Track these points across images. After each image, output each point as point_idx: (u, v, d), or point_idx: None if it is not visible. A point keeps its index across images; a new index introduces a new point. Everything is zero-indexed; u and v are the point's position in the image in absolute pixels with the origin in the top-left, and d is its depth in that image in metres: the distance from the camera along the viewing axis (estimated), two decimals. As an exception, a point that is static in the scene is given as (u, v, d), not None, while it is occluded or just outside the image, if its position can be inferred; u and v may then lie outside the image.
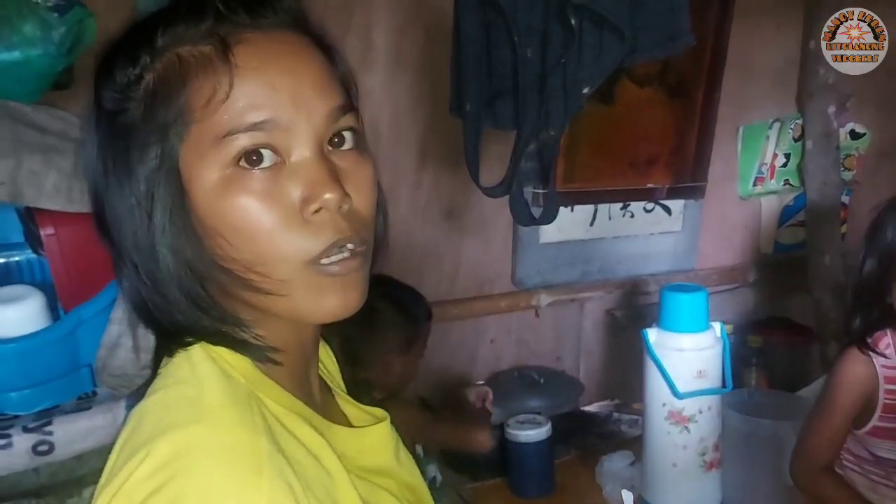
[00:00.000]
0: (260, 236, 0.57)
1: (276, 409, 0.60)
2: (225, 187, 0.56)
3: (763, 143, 2.43)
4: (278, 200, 0.57)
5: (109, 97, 0.59)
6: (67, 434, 1.23)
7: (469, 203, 2.02)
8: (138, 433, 0.55)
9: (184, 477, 0.51)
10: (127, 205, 0.58)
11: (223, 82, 0.56)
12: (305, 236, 0.57)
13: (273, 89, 0.57)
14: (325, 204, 0.57)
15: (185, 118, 0.56)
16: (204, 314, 0.60)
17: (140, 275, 0.60)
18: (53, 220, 1.28)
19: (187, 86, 0.56)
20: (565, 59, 1.25)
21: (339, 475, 0.61)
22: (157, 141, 0.57)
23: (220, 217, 0.57)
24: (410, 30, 1.85)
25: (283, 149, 0.57)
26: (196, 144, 0.57)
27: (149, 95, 0.57)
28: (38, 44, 1.32)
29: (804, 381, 2.05)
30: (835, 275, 2.41)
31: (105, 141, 0.59)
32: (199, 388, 0.57)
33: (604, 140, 2.12)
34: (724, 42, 2.18)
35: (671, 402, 1.45)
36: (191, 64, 0.57)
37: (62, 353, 1.29)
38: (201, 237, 0.58)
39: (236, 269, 0.58)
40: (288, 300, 0.59)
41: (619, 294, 2.30)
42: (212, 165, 0.56)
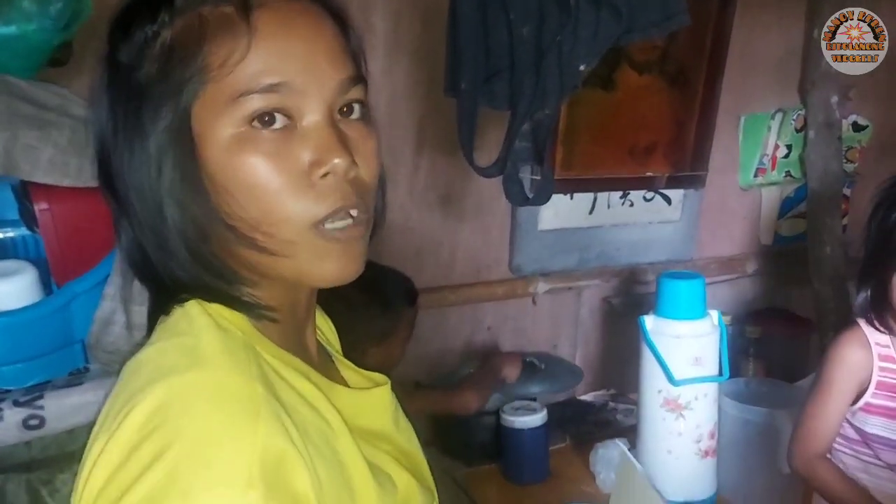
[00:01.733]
0: (268, 195, 0.58)
1: (273, 361, 0.61)
2: (236, 146, 0.58)
3: (765, 133, 2.42)
4: (287, 162, 0.58)
5: (125, 53, 0.59)
6: (59, 409, 1.22)
7: (467, 189, 2.01)
8: (134, 381, 0.56)
9: (179, 419, 0.52)
10: (137, 159, 0.59)
11: (241, 43, 0.57)
12: (312, 199, 0.59)
13: (289, 54, 0.58)
14: (334, 168, 0.59)
15: (201, 76, 0.57)
16: (204, 270, 0.61)
17: (144, 229, 0.61)
18: (48, 196, 1.28)
19: (205, 45, 0.57)
20: (561, 37, 1.25)
21: (339, 426, 0.62)
22: (172, 97, 0.58)
23: (230, 175, 0.58)
24: (408, 14, 1.84)
25: (295, 112, 0.59)
26: (210, 103, 0.58)
27: (165, 53, 0.58)
28: (34, 18, 1.31)
29: (802, 373, 2.05)
30: (835, 266, 2.40)
31: (117, 96, 0.60)
32: (197, 339, 0.58)
33: (603, 127, 2.11)
34: (725, 31, 2.17)
35: (667, 389, 1.45)
36: (210, 23, 0.58)
37: (54, 328, 1.28)
38: (209, 194, 0.59)
39: (241, 228, 0.59)
40: (289, 261, 0.60)
41: (617, 282, 2.30)
42: (225, 124, 0.57)
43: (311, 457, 0.55)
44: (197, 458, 0.50)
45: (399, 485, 0.67)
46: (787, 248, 2.57)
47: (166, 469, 0.49)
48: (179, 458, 0.50)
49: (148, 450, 0.50)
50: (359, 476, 0.61)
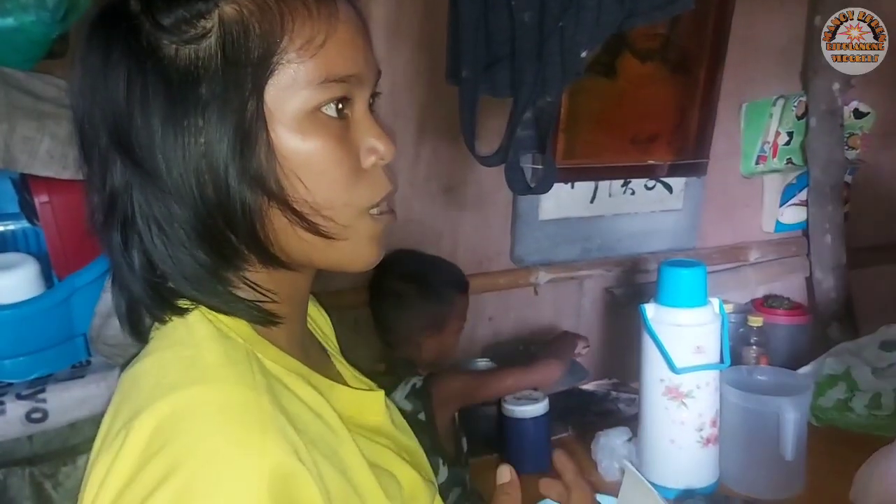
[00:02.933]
0: (334, 181, 0.59)
1: (275, 368, 0.60)
2: (308, 130, 0.58)
3: (766, 120, 2.41)
4: (350, 149, 0.61)
5: (170, 24, 0.56)
6: (61, 402, 1.22)
7: (468, 179, 2.01)
8: (134, 396, 0.55)
9: (184, 437, 0.51)
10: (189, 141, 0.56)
11: (322, 30, 0.58)
12: (368, 185, 0.62)
13: (356, 46, 0.60)
14: (384, 156, 0.62)
15: (278, 58, 0.57)
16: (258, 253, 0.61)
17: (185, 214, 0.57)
18: (48, 188, 1.27)
19: (286, 26, 0.57)
20: (563, 23, 1.24)
21: (341, 431, 0.62)
22: (246, 79, 0.56)
23: (300, 158, 0.58)
24: (409, 2, 1.83)
25: (353, 102, 0.61)
26: (284, 85, 0.57)
27: (233, 29, 0.56)
28: (32, 10, 1.31)
29: (804, 362, 2.05)
30: (836, 255, 2.40)
31: (152, 73, 0.56)
32: (197, 349, 0.57)
33: (605, 116, 2.10)
34: (727, 18, 2.16)
35: (669, 378, 1.45)
36: (287, 4, 0.57)
37: (56, 321, 1.28)
38: (280, 176, 0.58)
39: (306, 212, 0.59)
40: (345, 244, 0.61)
41: (619, 272, 2.30)
42: (296, 107, 0.57)
43: (318, 468, 0.54)
44: (205, 478, 0.49)
45: (403, 482, 0.67)
46: (789, 236, 2.56)
47: (175, 489, 0.49)
48: (188, 478, 0.49)
49: (154, 470, 0.49)
50: (364, 480, 0.61)
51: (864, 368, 1.80)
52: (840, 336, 2.31)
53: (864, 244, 2.59)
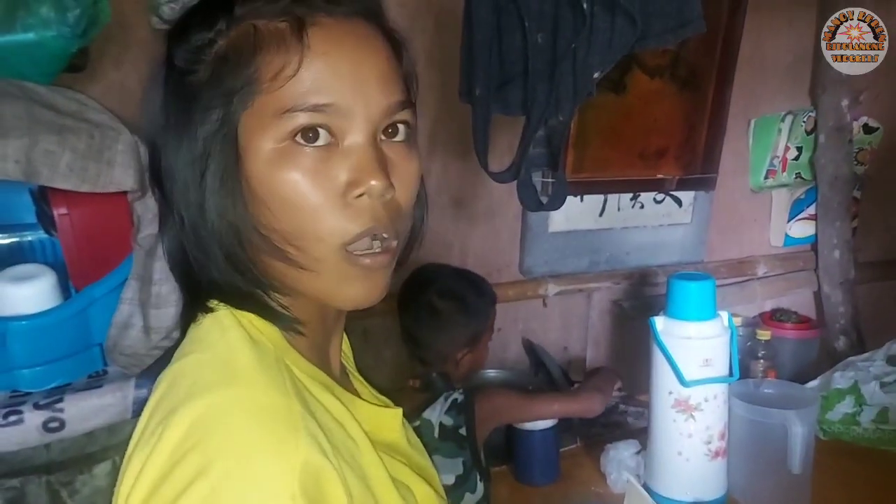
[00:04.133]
0: (303, 211, 0.58)
1: (302, 376, 0.61)
2: (278, 159, 0.58)
3: (775, 135, 2.42)
4: (326, 179, 0.59)
5: (181, 56, 0.61)
6: (78, 411, 1.24)
7: (477, 191, 2.03)
8: (171, 395, 0.57)
9: (220, 435, 0.52)
10: (183, 160, 0.61)
11: (293, 60, 0.58)
12: (345, 218, 0.59)
13: (338, 75, 0.58)
14: (369, 190, 0.59)
15: (252, 87, 0.58)
16: (239, 275, 0.62)
17: (185, 228, 0.62)
18: (67, 200, 1.30)
19: (258, 57, 0.58)
20: (576, 44, 1.25)
21: (363, 443, 0.63)
22: (221, 105, 0.59)
23: (269, 186, 0.59)
24: (421, 17, 1.86)
25: (339, 131, 0.59)
26: (257, 114, 0.59)
27: (219, 60, 0.60)
28: (52, 25, 1.33)
29: (811, 376, 2.05)
30: (844, 270, 2.40)
31: (170, 97, 0.62)
32: (231, 353, 0.59)
33: (614, 130, 2.11)
34: (736, 35, 2.17)
35: (677, 391, 1.45)
36: (265, 37, 0.59)
37: (74, 332, 1.30)
38: (248, 202, 0.60)
39: (274, 239, 0.60)
40: (317, 278, 0.61)
41: (627, 285, 2.30)
42: (269, 136, 0.58)
43: (343, 472, 0.56)
44: (240, 474, 0.51)
45: (418, 496, 0.68)
46: (797, 251, 2.57)
47: (210, 485, 0.50)
48: (222, 474, 0.50)
49: (190, 465, 0.51)
50: (383, 491, 0.62)
51: (872, 383, 1.81)
52: (848, 350, 2.31)
53: (872, 259, 2.60)
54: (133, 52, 1.57)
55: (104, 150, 1.27)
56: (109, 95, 1.53)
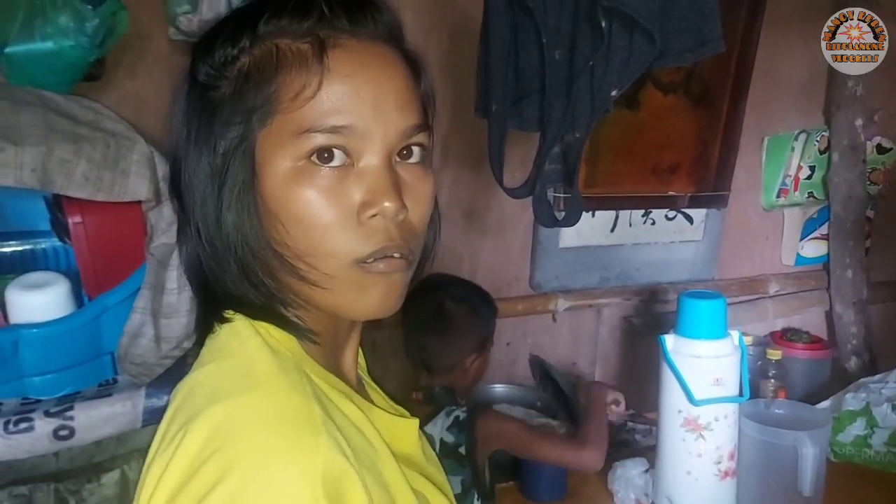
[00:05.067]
0: (316, 229, 0.59)
1: (321, 383, 0.62)
2: (294, 178, 0.59)
3: (788, 154, 2.42)
4: (340, 199, 0.59)
5: (205, 72, 0.62)
6: (88, 420, 1.24)
7: (489, 205, 2.03)
8: (191, 402, 0.57)
9: (240, 440, 0.52)
10: (202, 173, 0.62)
11: (313, 81, 0.58)
12: (358, 237, 0.60)
13: (357, 97, 0.59)
14: (383, 211, 0.59)
15: (271, 106, 0.59)
16: (252, 288, 0.63)
17: (202, 241, 0.63)
18: (81, 209, 1.30)
19: (279, 77, 0.59)
20: (593, 61, 1.25)
21: (382, 450, 0.63)
22: (241, 121, 0.60)
23: (284, 204, 0.59)
24: (436, 32, 1.87)
25: (355, 152, 0.60)
26: (275, 133, 0.59)
27: (241, 77, 0.61)
28: (71, 35, 1.35)
29: (822, 396, 2.04)
30: (857, 290, 2.39)
31: (192, 111, 0.63)
32: (250, 360, 0.59)
33: (626, 146, 2.12)
34: (750, 53, 2.17)
35: (687, 409, 1.44)
36: (287, 57, 0.59)
37: (85, 340, 1.31)
38: (262, 219, 0.61)
39: (287, 255, 0.60)
40: (329, 293, 0.61)
41: (637, 301, 2.30)
42: (286, 155, 0.59)
43: (363, 476, 0.55)
44: (261, 478, 0.51)
45: None
46: (809, 270, 2.56)
47: (231, 490, 0.50)
48: (244, 479, 0.50)
49: (211, 471, 0.51)
50: (402, 499, 0.62)
51: (884, 405, 1.79)
52: (859, 371, 2.29)
53: (885, 279, 2.58)
54: (149, 62, 1.58)
55: (119, 159, 1.28)
56: (124, 104, 1.54)
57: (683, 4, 1.21)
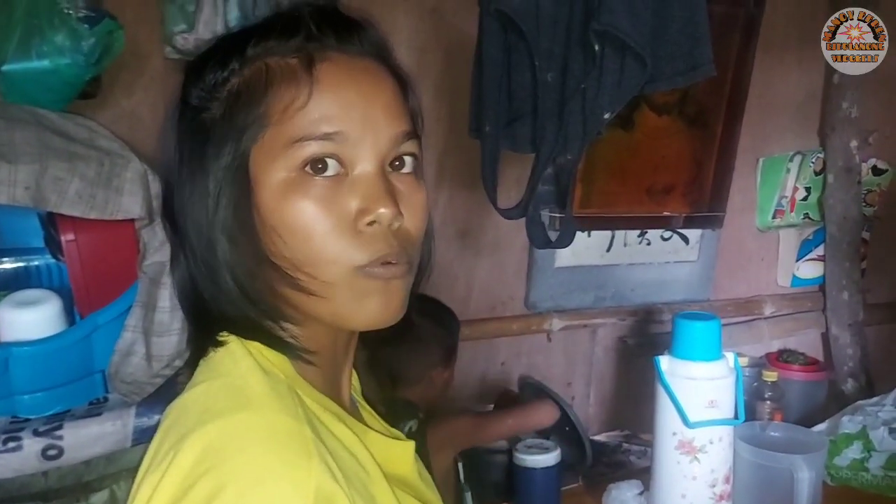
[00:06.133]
0: (313, 238, 0.60)
1: (313, 405, 0.62)
2: (288, 189, 0.60)
3: (783, 175, 2.42)
4: (335, 208, 0.60)
5: (196, 95, 0.64)
6: (77, 439, 1.23)
7: (484, 224, 2.03)
8: (182, 421, 0.57)
9: (232, 459, 0.52)
10: (196, 194, 0.63)
11: (303, 92, 0.60)
12: (356, 245, 0.60)
13: (347, 106, 0.61)
14: (379, 218, 0.60)
15: (263, 121, 0.60)
16: (251, 305, 0.63)
17: (197, 262, 0.64)
18: (74, 226, 1.30)
19: (269, 92, 0.60)
20: (585, 84, 1.26)
21: (374, 472, 0.63)
22: (233, 140, 0.61)
23: (280, 216, 0.60)
24: (431, 50, 1.87)
25: (348, 161, 0.61)
26: (268, 147, 0.60)
27: (232, 97, 0.62)
28: (67, 53, 1.35)
29: (819, 419, 2.03)
30: (853, 311, 2.39)
31: (185, 134, 0.64)
32: (243, 380, 0.60)
33: (621, 166, 2.12)
34: (745, 74, 2.18)
35: (681, 432, 1.43)
36: (276, 73, 0.61)
37: (76, 358, 1.30)
38: (259, 233, 0.62)
39: (286, 267, 0.61)
40: (329, 303, 0.62)
41: (633, 321, 2.29)
42: (280, 167, 0.60)
43: (354, 500, 0.55)
44: (256, 495, 0.51)
45: None
46: (805, 291, 2.56)
47: None
48: (235, 498, 0.50)
49: (202, 489, 0.51)
50: None
51: (881, 428, 1.78)
52: (856, 393, 2.29)
53: (881, 300, 2.58)
54: (145, 80, 1.59)
55: (113, 177, 1.28)
56: (120, 122, 1.54)
57: (674, 29, 1.22)
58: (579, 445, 1.90)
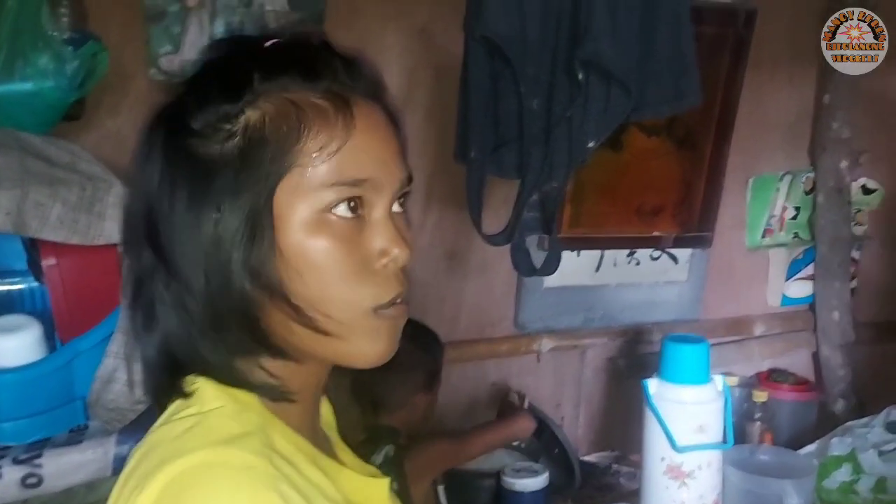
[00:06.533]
0: (336, 279, 0.61)
1: (285, 446, 0.61)
2: (313, 228, 0.60)
3: (773, 194, 2.43)
4: (357, 248, 0.62)
5: (200, 125, 0.61)
6: (57, 467, 1.22)
7: (472, 245, 2.02)
8: (147, 461, 0.57)
9: (198, 494, 0.52)
10: (204, 235, 0.60)
11: (338, 136, 0.60)
12: (374, 285, 0.63)
13: (373, 151, 0.62)
14: (396, 259, 0.63)
15: (294, 161, 0.60)
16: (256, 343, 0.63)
17: (194, 302, 0.61)
18: (56, 251, 1.29)
19: (305, 133, 0.60)
20: (571, 112, 1.26)
21: None
22: (259, 177, 0.60)
23: (302, 255, 0.60)
24: (420, 72, 1.87)
25: (368, 204, 0.63)
26: (294, 186, 0.60)
27: (254, 132, 0.60)
28: (51, 76, 1.35)
29: (809, 439, 2.02)
30: (844, 331, 2.38)
31: (180, 168, 0.61)
32: (210, 420, 0.59)
33: (611, 187, 2.12)
34: (735, 94, 2.18)
35: (670, 456, 1.43)
36: (308, 114, 0.60)
37: (57, 385, 1.29)
38: (279, 271, 0.61)
39: (303, 307, 0.60)
40: (342, 342, 0.63)
41: (622, 342, 2.29)
42: (305, 207, 0.60)
43: None
44: None
45: None
46: (795, 311, 2.55)
47: None
48: None
49: None
50: None
51: (870, 451, 1.78)
52: (847, 414, 2.28)
53: (871, 320, 2.58)
54: (130, 101, 1.58)
55: (95, 202, 1.27)
56: (105, 144, 1.54)
57: (660, 58, 1.23)
58: (568, 468, 1.90)
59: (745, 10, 2.12)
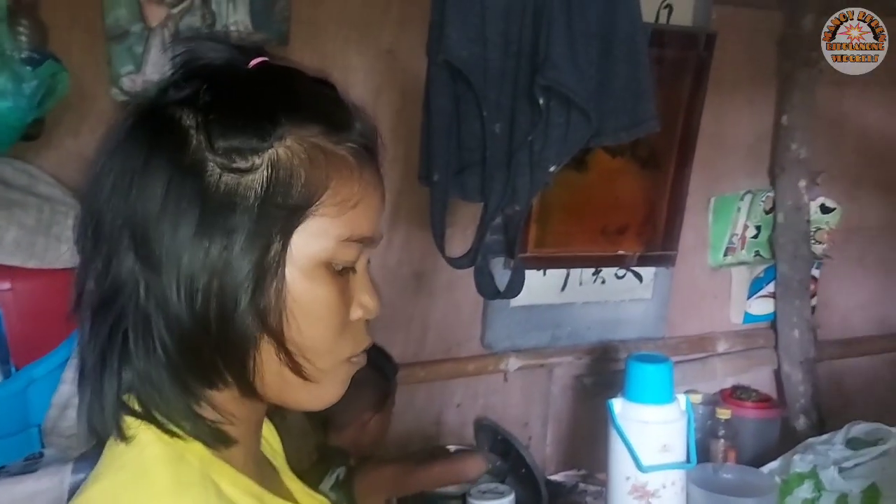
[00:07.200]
0: (329, 328, 0.62)
1: (231, 490, 0.60)
2: (318, 277, 0.61)
3: (734, 213, 2.46)
4: (347, 301, 0.63)
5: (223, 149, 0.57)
6: (11, 496, 1.20)
7: (439, 265, 2.01)
8: None
9: None
10: (210, 256, 0.57)
11: (356, 191, 0.61)
12: (352, 337, 0.65)
13: (378, 209, 0.64)
14: (371, 312, 0.66)
15: (315, 207, 0.59)
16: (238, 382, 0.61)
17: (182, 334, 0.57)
18: (11, 275, 1.27)
19: (329, 183, 0.60)
20: (532, 136, 1.27)
21: None
22: (280, 216, 0.58)
23: (303, 303, 0.60)
24: (386, 92, 1.87)
25: (361, 258, 0.64)
26: (312, 233, 0.60)
27: (283, 170, 0.58)
28: (9, 96, 1.32)
29: (772, 456, 2.04)
30: (804, 349, 2.42)
31: (193, 187, 0.57)
32: (146, 472, 0.57)
33: (576, 206, 2.13)
34: (696, 116, 2.22)
35: (635, 476, 1.44)
36: (335, 163, 0.60)
37: (12, 412, 1.26)
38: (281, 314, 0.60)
39: (293, 351, 0.61)
40: (314, 388, 0.63)
41: (589, 360, 2.29)
42: (311, 254, 0.60)
43: None
44: None
45: None
46: (757, 328, 2.58)
47: None
48: None
49: None
50: None
51: (831, 468, 1.80)
52: (808, 430, 2.31)
53: (831, 337, 2.62)
54: (91, 121, 1.56)
55: (53, 224, 1.25)
56: (66, 164, 1.51)
57: (618, 86, 1.25)
58: (535, 489, 1.89)
59: (706, 34, 2.15)
